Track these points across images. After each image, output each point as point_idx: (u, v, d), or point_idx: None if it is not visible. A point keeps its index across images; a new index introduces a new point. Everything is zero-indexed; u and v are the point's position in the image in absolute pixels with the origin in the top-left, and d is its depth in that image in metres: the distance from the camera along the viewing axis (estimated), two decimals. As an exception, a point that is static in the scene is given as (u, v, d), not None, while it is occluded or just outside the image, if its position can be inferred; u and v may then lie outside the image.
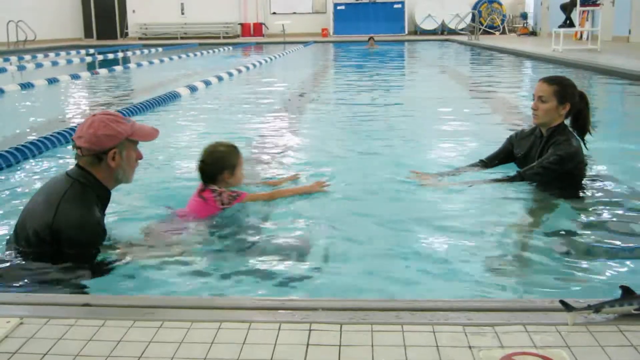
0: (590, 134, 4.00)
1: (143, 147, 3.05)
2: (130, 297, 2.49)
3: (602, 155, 4.90)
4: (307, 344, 1.86)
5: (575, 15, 17.05)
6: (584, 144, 3.99)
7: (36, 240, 2.74)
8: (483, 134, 6.25)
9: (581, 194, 3.85)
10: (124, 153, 2.86)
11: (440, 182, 4.16)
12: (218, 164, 3.56)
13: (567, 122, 3.98)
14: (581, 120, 3.96)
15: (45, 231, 2.71)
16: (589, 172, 4.16)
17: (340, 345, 1.85)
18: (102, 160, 2.82)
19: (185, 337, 1.92)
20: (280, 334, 1.92)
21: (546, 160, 3.84)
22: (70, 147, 2.93)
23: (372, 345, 1.84)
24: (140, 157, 3.00)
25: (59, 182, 2.86)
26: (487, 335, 1.89)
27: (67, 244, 2.72)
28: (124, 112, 7.09)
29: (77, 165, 2.86)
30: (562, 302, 1.99)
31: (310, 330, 1.94)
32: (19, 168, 5.04)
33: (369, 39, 23.32)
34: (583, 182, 3.97)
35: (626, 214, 3.59)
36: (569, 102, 3.86)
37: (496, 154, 4.36)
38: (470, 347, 1.82)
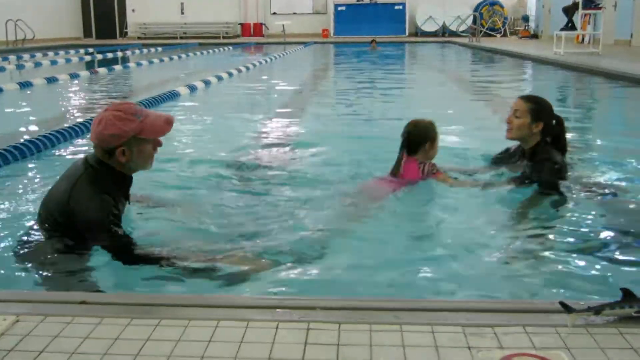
0: (565, 154, 4.07)
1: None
2: (127, 295, 2.49)
3: (603, 159, 4.90)
4: (305, 343, 1.84)
5: (577, 19, 17.07)
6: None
7: (55, 224, 2.84)
8: (483, 135, 6.24)
9: (583, 197, 3.84)
10: (134, 149, 2.89)
11: (456, 181, 4.18)
12: (422, 135, 4.05)
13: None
14: (559, 144, 4.03)
15: (63, 213, 2.81)
16: (591, 176, 4.21)
17: (338, 345, 1.83)
18: (113, 155, 2.88)
19: (183, 335, 1.90)
20: (278, 333, 1.91)
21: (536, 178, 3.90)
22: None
23: (371, 345, 1.83)
24: (158, 145, 3.01)
25: (77, 167, 2.96)
26: (487, 336, 1.88)
27: (81, 224, 2.80)
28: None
29: (94, 152, 2.95)
30: (562, 303, 1.98)
31: (308, 329, 1.93)
32: (17, 166, 5.03)
33: (372, 41, 23.33)
34: (586, 185, 3.98)
35: (628, 217, 3.58)
36: (542, 121, 3.93)
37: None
38: (469, 347, 1.81)
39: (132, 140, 2.86)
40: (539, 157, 3.94)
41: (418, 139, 4.04)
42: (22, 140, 5.52)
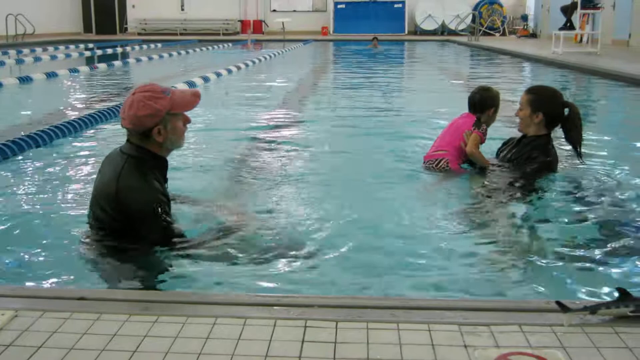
0: (579, 148, 4.04)
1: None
2: (126, 292, 2.49)
3: (601, 157, 4.91)
4: (303, 341, 1.85)
5: (576, 18, 17.07)
6: (579, 157, 4.05)
7: (105, 217, 2.86)
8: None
9: (580, 196, 3.85)
10: (169, 126, 2.91)
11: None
12: (489, 98, 4.43)
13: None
14: (568, 133, 4.01)
15: (114, 207, 2.81)
16: (587, 174, 4.21)
17: (335, 342, 1.84)
18: (150, 136, 2.89)
19: (181, 332, 1.91)
20: (275, 330, 1.92)
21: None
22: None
23: (368, 343, 1.84)
24: (188, 121, 3.03)
25: (115, 160, 2.94)
26: (483, 334, 1.89)
27: (133, 215, 2.80)
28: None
29: (128, 140, 2.95)
30: (558, 303, 1.99)
31: (305, 327, 1.94)
32: (16, 161, 5.03)
33: (373, 39, 23.27)
34: (582, 183, 3.99)
35: (625, 216, 3.59)
36: (541, 111, 3.93)
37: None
38: (465, 346, 1.82)
39: (166, 117, 2.88)
40: (530, 150, 3.94)
41: (487, 101, 4.39)
42: (20, 135, 5.52)
